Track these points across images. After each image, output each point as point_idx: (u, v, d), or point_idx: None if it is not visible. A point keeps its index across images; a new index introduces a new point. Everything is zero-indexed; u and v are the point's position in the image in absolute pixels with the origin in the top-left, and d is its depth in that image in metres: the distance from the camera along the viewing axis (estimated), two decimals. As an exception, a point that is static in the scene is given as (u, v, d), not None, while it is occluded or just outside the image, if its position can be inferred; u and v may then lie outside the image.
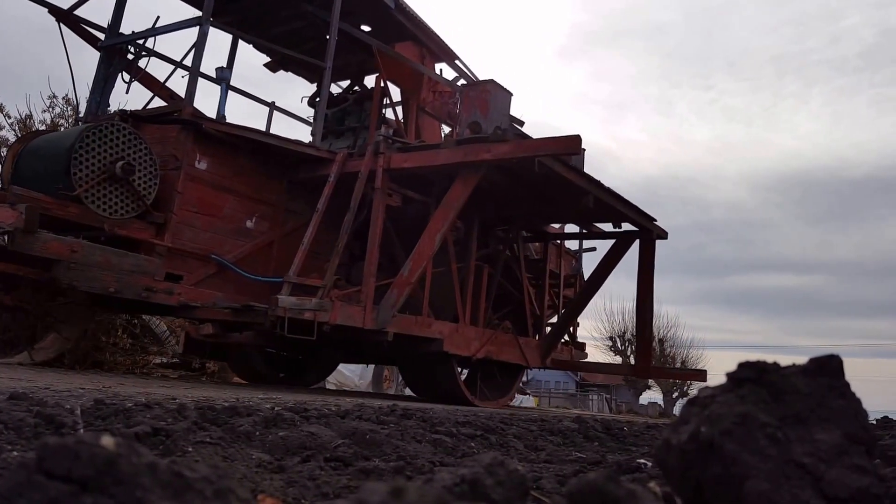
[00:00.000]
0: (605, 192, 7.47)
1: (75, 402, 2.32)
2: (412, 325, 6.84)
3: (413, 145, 6.99)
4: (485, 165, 6.37)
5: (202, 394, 4.00)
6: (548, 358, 9.05)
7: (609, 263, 8.78)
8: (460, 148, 6.45)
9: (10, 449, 1.45)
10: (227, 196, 6.49)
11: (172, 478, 0.64)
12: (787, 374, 0.87)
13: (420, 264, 6.49)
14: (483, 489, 0.84)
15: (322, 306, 5.86)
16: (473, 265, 7.98)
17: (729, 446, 0.82)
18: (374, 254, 6.52)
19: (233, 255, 6.41)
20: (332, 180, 6.63)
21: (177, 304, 5.89)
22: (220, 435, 1.97)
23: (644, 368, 8.89)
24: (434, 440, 2.50)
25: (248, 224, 6.66)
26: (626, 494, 0.74)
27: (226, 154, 6.46)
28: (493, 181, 7.04)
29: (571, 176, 6.94)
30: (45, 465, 0.61)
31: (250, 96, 8.31)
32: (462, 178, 6.50)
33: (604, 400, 34.64)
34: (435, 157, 6.57)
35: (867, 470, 0.79)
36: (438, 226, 6.53)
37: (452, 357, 7.42)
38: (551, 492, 1.50)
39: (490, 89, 7.06)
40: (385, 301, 6.41)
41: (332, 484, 1.53)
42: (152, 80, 7.35)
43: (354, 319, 6.17)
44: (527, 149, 6.25)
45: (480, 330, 7.93)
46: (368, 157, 6.68)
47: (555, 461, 2.46)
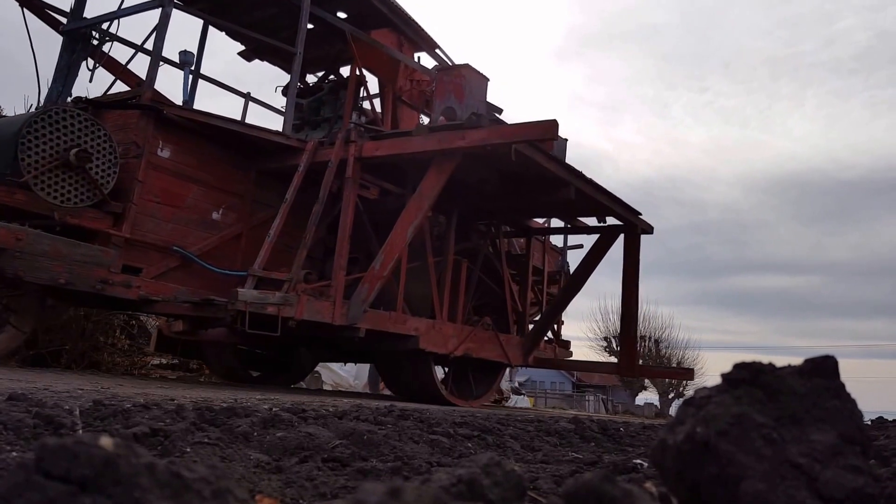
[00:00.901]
0: (587, 183, 7.27)
1: (74, 402, 2.33)
2: (385, 320, 6.58)
3: (385, 133, 6.73)
4: (459, 153, 6.16)
5: (200, 395, 4.00)
6: (530, 356, 8.83)
7: (593, 259, 8.59)
8: (434, 135, 6.20)
9: (10, 449, 1.45)
10: (192, 186, 6.22)
11: (171, 478, 0.64)
12: (782, 374, 0.88)
13: (392, 257, 6.25)
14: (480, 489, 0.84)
15: (287, 300, 5.61)
16: (452, 259, 7.76)
17: (725, 447, 0.82)
18: (345, 246, 6.29)
19: (197, 247, 6.15)
20: (302, 170, 6.38)
21: (136, 297, 5.61)
22: (219, 435, 1.98)
23: (629, 367, 8.60)
24: (431, 441, 2.50)
25: (215, 216, 6.40)
26: (622, 494, 0.74)
27: (190, 142, 6.21)
28: (470, 171, 6.83)
29: (551, 166, 6.72)
30: (44, 466, 0.61)
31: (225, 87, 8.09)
32: (436, 166, 6.27)
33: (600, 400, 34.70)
34: (407, 144, 6.32)
35: (862, 470, 0.80)
36: (411, 217, 6.28)
37: (429, 354, 7.18)
38: (548, 492, 1.51)
39: (465, 74, 6.77)
40: (356, 296, 6.17)
41: (330, 484, 1.53)
42: (118, 67, 7.03)
43: (323, 315, 5.93)
44: (502, 135, 6.00)
45: (459, 326, 7.66)
46: (339, 146, 6.45)
47: (551, 461, 2.46)
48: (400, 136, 6.53)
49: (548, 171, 6.66)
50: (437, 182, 6.24)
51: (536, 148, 6.35)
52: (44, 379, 4.21)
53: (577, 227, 9.12)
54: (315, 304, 5.87)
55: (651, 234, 8.45)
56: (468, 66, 6.87)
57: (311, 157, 6.47)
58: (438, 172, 6.24)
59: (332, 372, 13.58)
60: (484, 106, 6.78)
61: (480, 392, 8.56)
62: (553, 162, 6.76)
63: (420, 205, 6.31)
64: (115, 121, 5.88)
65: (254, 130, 6.47)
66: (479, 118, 6.14)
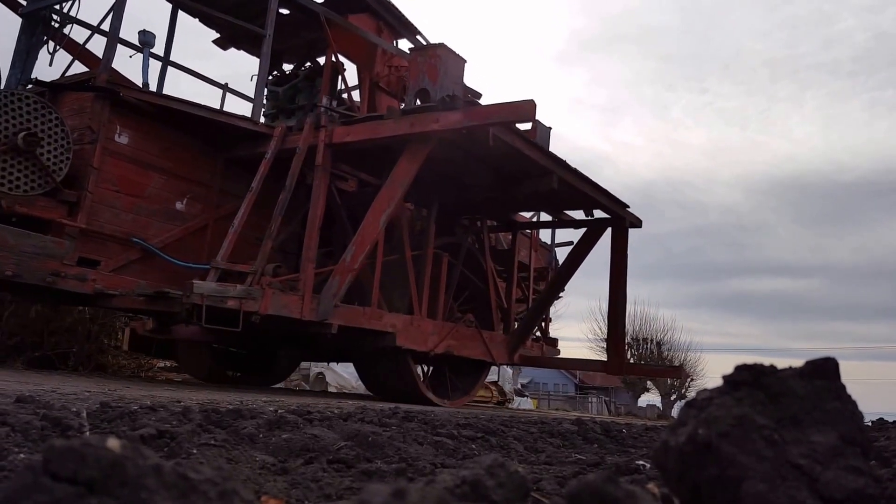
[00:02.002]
0: (571, 172, 6.93)
1: (81, 405, 2.34)
2: (359, 316, 6.21)
3: (356, 117, 6.35)
4: (434, 137, 5.83)
5: (206, 397, 4.01)
6: (515, 354, 8.46)
7: (579, 254, 8.29)
8: (406, 118, 5.85)
9: (17, 451, 1.46)
10: (154, 174, 5.88)
11: (177, 479, 0.65)
12: (783, 376, 0.88)
13: (364, 248, 5.89)
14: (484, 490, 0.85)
15: (249, 294, 5.27)
16: (431, 253, 7.40)
17: (726, 448, 0.83)
18: (314, 238, 5.94)
19: (160, 239, 5.83)
20: (270, 157, 6.04)
21: (91, 291, 5.29)
22: (225, 437, 1.99)
23: (617, 365, 8.24)
24: (435, 442, 2.51)
25: (178, 206, 6.06)
26: (624, 495, 0.74)
27: (152, 128, 5.86)
28: (448, 159, 6.52)
29: (532, 153, 6.39)
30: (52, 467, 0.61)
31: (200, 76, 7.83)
32: (409, 152, 5.93)
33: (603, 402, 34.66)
34: (379, 129, 5.95)
35: (863, 471, 0.80)
36: (383, 205, 5.92)
37: (408, 352, 6.83)
38: (551, 493, 1.51)
39: (440, 54, 6.32)
40: (326, 290, 5.81)
41: (335, 486, 1.54)
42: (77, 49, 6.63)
43: (291, 310, 5.57)
44: (477, 116, 5.64)
45: (439, 323, 7.29)
46: (307, 131, 6.10)
47: (555, 463, 2.47)
48: (371, 119, 6.16)
49: (529, 159, 6.37)
50: (411, 168, 5.91)
51: (517, 134, 6.08)
52: (51, 381, 4.23)
53: (563, 221, 8.79)
54: (282, 298, 5.53)
55: (640, 227, 8.16)
56: (443, 45, 6.42)
57: (280, 144, 6.16)
58: (412, 158, 5.92)
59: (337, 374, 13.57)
60: (461, 88, 6.41)
61: (464, 391, 8.25)
62: (534, 149, 6.47)
63: (392, 193, 5.94)
64: (71, 105, 5.54)
65: (219, 115, 6.14)
66: (453, 100, 5.83)
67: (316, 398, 5.70)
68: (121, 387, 4.32)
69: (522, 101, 5.50)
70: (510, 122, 5.69)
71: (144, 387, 4.77)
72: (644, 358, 29.04)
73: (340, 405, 4.23)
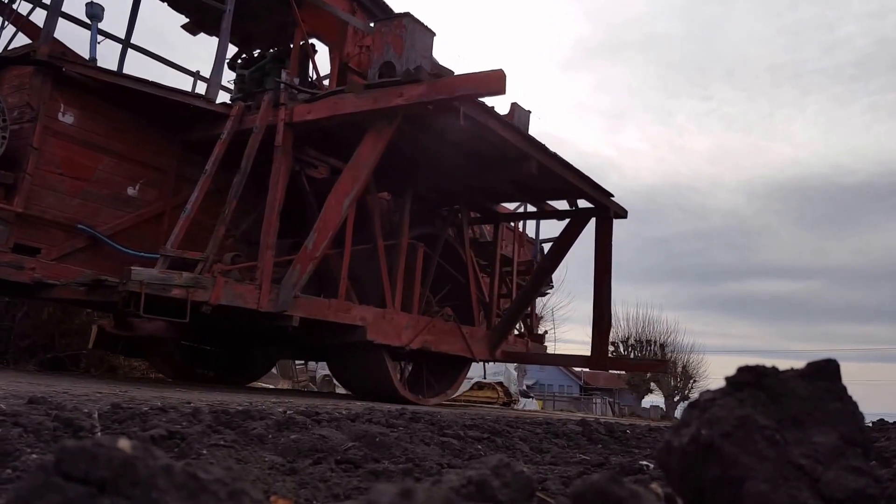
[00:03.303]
0: (552, 158, 6.53)
1: (93, 406, 2.36)
2: (324, 308, 5.78)
3: (318, 94, 5.91)
4: (398, 113, 5.43)
5: (216, 398, 4.03)
6: (497, 350, 8.06)
7: (562, 245, 8.00)
8: (369, 93, 5.44)
9: (30, 451, 1.48)
10: (102, 157, 5.46)
11: (187, 480, 0.65)
12: (785, 377, 0.89)
13: (326, 235, 5.49)
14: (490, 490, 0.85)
15: (198, 283, 4.87)
16: (406, 243, 6.97)
17: (728, 448, 0.83)
18: (273, 223, 5.55)
19: (109, 226, 5.45)
20: (226, 138, 5.63)
21: (29, 281, 4.91)
22: (234, 438, 2.00)
23: (601, 360, 7.85)
24: (442, 443, 2.52)
25: (131, 191, 5.66)
26: (628, 495, 0.75)
27: (100, 107, 5.45)
28: (420, 143, 6.16)
29: (508, 134, 5.96)
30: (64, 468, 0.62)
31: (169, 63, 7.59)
32: (374, 130, 5.51)
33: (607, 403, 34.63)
34: (341, 105, 5.54)
35: (864, 471, 0.80)
36: (346, 188, 5.52)
37: (381, 347, 6.43)
38: (556, 493, 1.52)
39: (406, 25, 5.87)
40: (286, 279, 5.42)
41: (343, 485, 1.55)
42: (24, 23, 6.22)
43: (246, 300, 5.17)
44: (443, 89, 5.21)
45: (415, 317, 6.86)
46: (265, 110, 5.70)
47: (559, 463, 2.48)
48: (333, 95, 5.74)
49: (505, 141, 5.95)
50: (376, 148, 5.50)
51: (491, 114, 5.70)
52: (62, 383, 4.27)
53: (546, 212, 8.43)
54: (235, 287, 5.13)
55: (625, 217, 7.83)
56: (409, 14, 5.98)
57: (238, 125, 5.76)
58: (377, 137, 5.50)
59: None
60: (428, 62, 5.91)
61: (442, 389, 7.88)
62: (510, 130, 6.03)
63: (356, 174, 5.52)
64: (11, 81, 5.17)
65: (170, 93, 5.65)
66: (418, 71, 5.39)
67: (324, 399, 5.71)
68: (132, 388, 4.35)
69: (491, 71, 5.09)
70: (479, 94, 5.23)
71: (155, 388, 4.80)
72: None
73: (348, 406, 4.24)
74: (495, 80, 5.08)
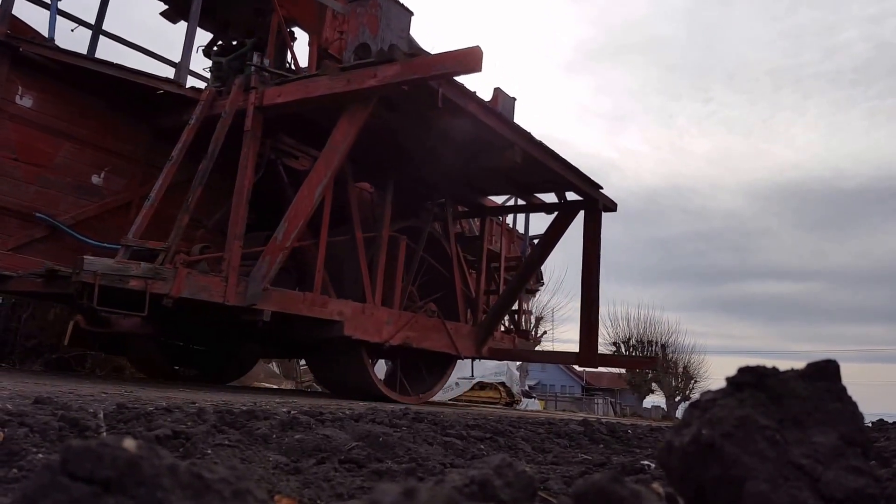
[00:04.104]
0: (537, 146, 6.27)
1: (98, 406, 2.37)
2: (297, 302, 5.55)
3: (290, 77, 5.69)
4: (372, 95, 5.20)
5: (221, 398, 4.04)
6: (483, 347, 7.84)
7: (550, 239, 7.79)
8: (342, 75, 5.21)
9: (36, 451, 1.49)
10: (64, 143, 5.21)
11: (192, 479, 0.66)
12: (785, 378, 0.89)
13: (297, 224, 5.23)
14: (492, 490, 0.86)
15: (158, 273, 4.63)
16: (387, 235, 6.74)
17: (729, 448, 0.84)
18: (241, 212, 5.31)
19: (71, 215, 5.20)
20: (195, 123, 5.39)
21: None
22: (238, 438, 2.01)
23: (589, 356, 7.59)
24: (445, 443, 2.52)
25: (95, 180, 5.40)
26: (630, 495, 0.75)
27: (61, 90, 5.20)
28: (399, 130, 5.95)
29: (490, 119, 5.70)
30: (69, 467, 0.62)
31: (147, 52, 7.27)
32: (348, 113, 5.27)
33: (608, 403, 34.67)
34: (313, 87, 5.31)
35: (863, 471, 0.81)
36: (319, 176, 5.27)
37: (360, 344, 6.18)
38: (558, 492, 1.53)
39: (381, 4, 5.65)
40: (255, 272, 5.18)
41: (347, 485, 1.56)
42: None
43: (211, 293, 4.92)
44: (418, 68, 4.96)
45: (396, 312, 6.62)
46: (235, 93, 5.48)
47: (561, 463, 2.48)
48: (305, 78, 5.51)
49: (486, 127, 5.72)
50: (350, 133, 5.25)
51: (471, 98, 5.48)
52: (68, 383, 4.28)
53: (534, 205, 8.17)
54: (200, 279, 4.89)
55: (615, 210, 7.61)
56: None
57: (208, 110, 5.53)
58: (350, 121, 5.26)
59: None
60: (406, 42, 5.62)
61: (426, 387, 7.64)
62: (492, 116, 5.77)
63: (329, 161, 5.27)
64: None
65: (135, 76, 5.38)
66: (392, 50, 5.15)
67: (328, 399, 5.72)
68: (137, 388, 4.37)
69: (467, 49, 4.86)
70: (455, 72, 4.96)
71: (160, 388, 4.82)
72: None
73: (352, 406, 4.25)
74: (472, 57, 4.82)
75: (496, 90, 6.80)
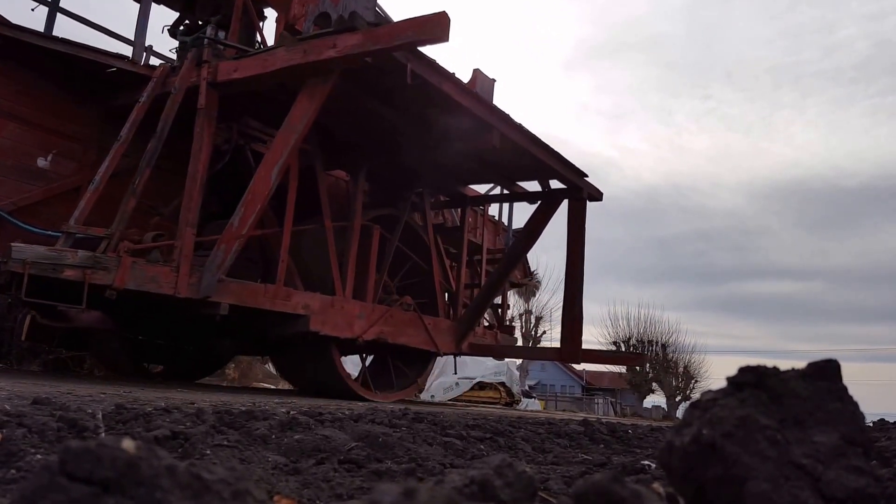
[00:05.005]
0: (517, 130, 5.96)
1: (97, 406, 2.37)
2: (259, 295, 5.19)
3: (247, 51, 5.35)
4: (333, 68, 4.82)
5: (220, 398, 4.04)
6: (463, 342, 7.50)
7: (533, 230, 7.52)
8: (299, 46, 4.85)
9: (34, 452, 1.49)
10: (6, 123, 4.92)
11: (191, 480, 0.65)
12: (786, 378, 0.89)
13: (254, 209, 4.86)
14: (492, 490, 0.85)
15: (98, 262, 4.27)
16: (359, 225, 6.36)
17: (730, 448, 0.84)
18: (195, 197, 4.94)
19: (11, 200, 4.90)
20: (145, 101, 5.06)
21: None
22: (237, 438, 2.01)
23: (572, 352, 7.29)
24: (445, 443, 2.52)
25: (41, 163, 5.10)
26: (630, 495, 0.75)
27: (5, 67, 4.93)
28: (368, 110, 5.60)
29: (465, 100, 5.36)
30: (68, 468, 0.62)
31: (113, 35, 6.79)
32: (308, 88, 4.91)
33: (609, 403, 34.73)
34: (270, 61, 4.95)
35: (864, 471, 0.81)
36: (276, 156, 4.90)
37: (330, 339, 5.86)
38: (558, 492, 1.52)
39: None
40: (210, 261, 4.78)
41: (346, 485, 1.56)
42: None
43: (160, 284, 4.55)
44: (381, 38, 4.57)
45: (369, 305, 6.26)
46: (187, 68, 5.13)
47: (562, 463, 2.48)
48: (262, 52, 5.18)
49: (462, 108, 5.37)
50: (309, 110, 4.88)
51: (445, 76, 5.16)
52: (66, 383, 4.28)
53: (516, 194, 7.85)
54: (147, 269, 4.51)
55: (600, 200, 7.32)
56: None
57: (160, 87, 5.19)
58: (310, 97, 4.89)
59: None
60: (372, 14, 5.17)
61: (404, 385, 7.29)
62: (467, 95, 5.42)
63: (287, 140, 4.90)
64: None
65: (83, 52, 5.05)
66: (352, 18, 4.76)
67: (327, 400, 5.71)
68: (135, 389, 4.36)
69: (432, 14, 4.49)
70: (420, 41, 4.58)
71: (158, 389, 4.81)
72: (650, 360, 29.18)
73: (351, 407, 4.25)
74: (437, 24, 4.42)
75: (475, 71, 6.49)
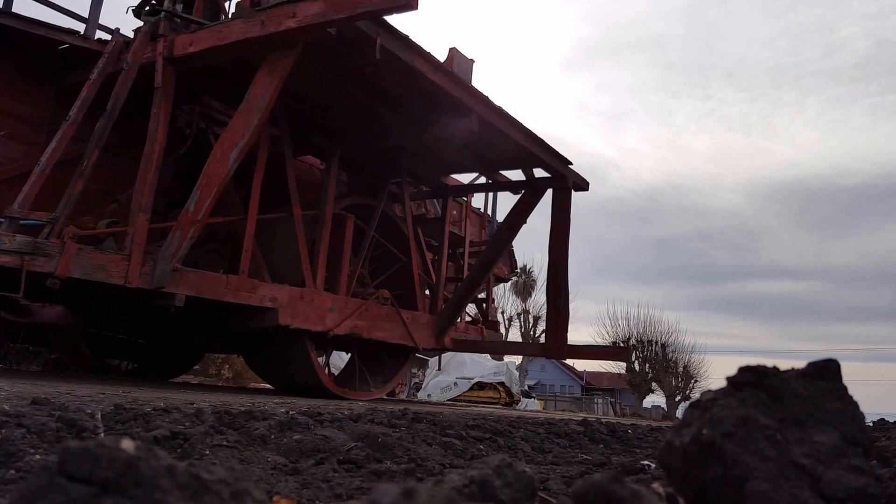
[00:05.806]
0: (497, 114, 5.68)
1: (96, 406, 2.37)
2: (219, 286, 4.88)
3: (204, 24, 5.00)
4: (296, 41, 4.53)
5: (219, 398, 4.04)
6: (444, 337, 7.24)
7: (516, 220, 7.27)
8: (257, 16, 4.54)
9: (33, 452, 1.49)
10: None
11: (190, 480, 0.65)
12: (786, 377, 0.89)
13: (210, 193, 4.54)
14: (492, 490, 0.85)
15: (38, 248, 3.96)
16: (331, 213, 6.09)
17: (730, 448, 0.84)
18: (150, 180, 4.62)
19: None
20: (96, 77, 4.75)
21: None
22: (237, 438, 2.01)
23: (557, 347, 7.04)
24: (444, 443, 2.52)
25: None
26: (630, 495, 0.75)
27: None
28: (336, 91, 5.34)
29: (440, 79, 5.04)
30: (67, 468, 0.62)
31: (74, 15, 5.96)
32: (268, 64, 4.61)
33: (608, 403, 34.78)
34: (227, 33, 4.64)
35: (864, 470, 0.81)
36: (236, 137, 4.57)
37: (302, 334, 5.61)
38: (558, 492, 1.52)
39: None
40: (164, 249, 4.50)
41: (346, 485, 1.56)
42: None
43: (109, 273, 4.24)
44: (343, 5, 4.24)
45: (342, 298, 6.00)
46: (140, 42, 4.81)
47: (561, 463, 2.48)
48: (218, 24, 4.87)
49: (435, 86, 5.08)
50: (270, 87, 4.59)
51: (418, 53, 4.86)
52: (66, 384, 4.27)
53: (499, 183, 7.57)
54: (94, 257, 4.20)
55: (586, 189, 7.10)
56: None
57: (114, 63, 4.89)
58: (271, 73, 4.59)
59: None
60: None
61: (379, 382, 7.01)
62: (442, 74, 5.11)
63: (247, 120, 4.58)
64: None
65: (29, 26, 4.76)
66: None
67: (326, 400, 5.72)
68: (135, 389, 4.36)
69: None
70: (384, 9, 4.27)
71: (158, 389, 4.81)
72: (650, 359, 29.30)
73: (351, 407, 4.25)
74: None
75: (452, 50, 6.20)
